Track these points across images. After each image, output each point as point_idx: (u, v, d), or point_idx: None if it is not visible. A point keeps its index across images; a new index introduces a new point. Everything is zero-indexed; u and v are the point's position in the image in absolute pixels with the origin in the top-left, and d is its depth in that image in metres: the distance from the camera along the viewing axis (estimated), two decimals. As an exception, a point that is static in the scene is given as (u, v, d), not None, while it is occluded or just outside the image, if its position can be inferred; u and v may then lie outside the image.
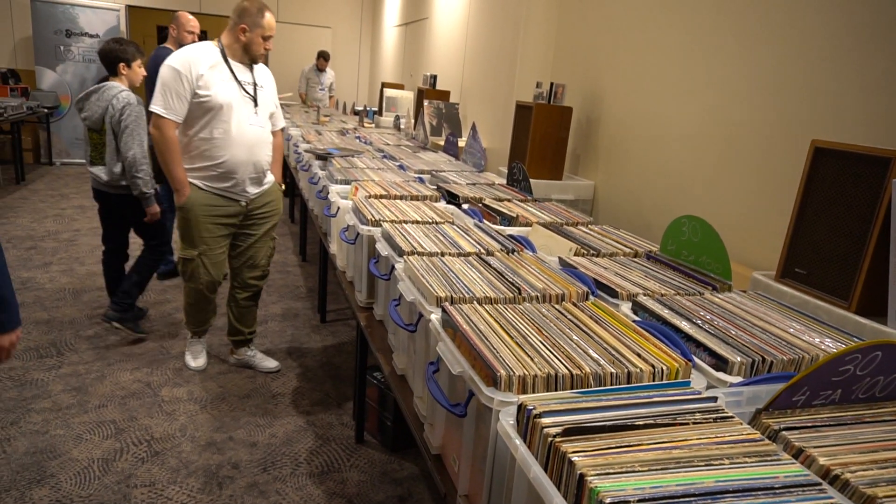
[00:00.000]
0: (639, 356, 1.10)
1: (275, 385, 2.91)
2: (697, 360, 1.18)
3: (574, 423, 0.85)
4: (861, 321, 1.48)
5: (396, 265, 1.63)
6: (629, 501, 0.71)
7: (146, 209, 3.08)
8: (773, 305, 1.45)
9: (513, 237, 1.93)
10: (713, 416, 0.91)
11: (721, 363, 1.16)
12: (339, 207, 2.39)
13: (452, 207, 2.34)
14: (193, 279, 2.75)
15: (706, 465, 0.79)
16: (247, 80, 2.64)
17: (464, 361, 1.11)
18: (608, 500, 0.71)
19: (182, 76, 2.46)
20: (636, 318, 1.36)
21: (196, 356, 3.01)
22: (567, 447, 0.81)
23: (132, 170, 2.94)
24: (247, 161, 2.64)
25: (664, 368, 1.07)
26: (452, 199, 2.52)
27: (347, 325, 3.68)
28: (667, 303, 1.41)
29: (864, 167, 1.52)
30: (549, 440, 0.83)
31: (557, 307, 1.33)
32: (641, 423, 0.87)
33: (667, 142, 2.87)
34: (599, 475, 0.75)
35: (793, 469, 0.80)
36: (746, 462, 0.81)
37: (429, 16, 6.46)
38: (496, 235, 1.92)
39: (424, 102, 4.86)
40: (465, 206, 2.41)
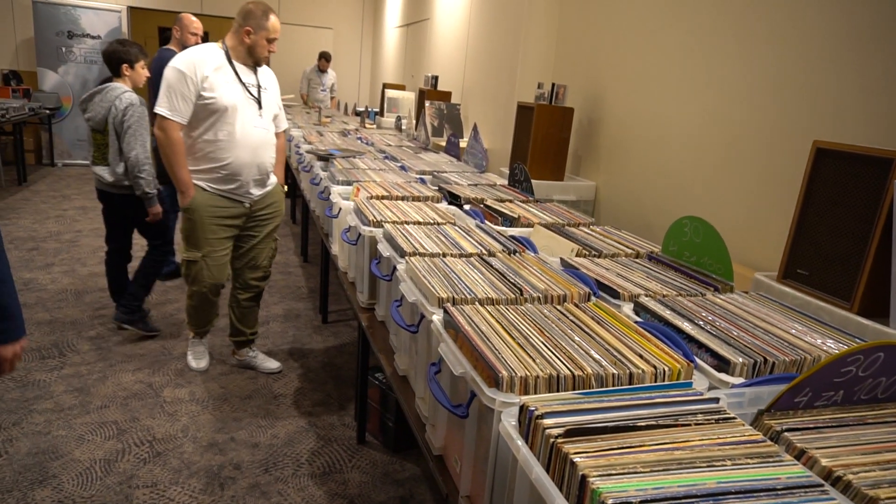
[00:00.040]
0: (641, 357, 1.10)
1: (276, 386, 2.92)
2: (699, 361, 1.18)
3: (576, 424, 0.86)
4: (863, 322, 1.48)
5: (398, 266, 1.63)
6: (631, 502, 0.71)
7: (148, 209, 3.09)
8: (775, 306, 1.45)
9: (514, 238, 1.93)
10: (715, 418, 0.91)
11: (723, 364, 1.16)
12: (341, 208, 2.39)
13: (454, 208, 2.34)
14: (197, 282, 2.75)
15: (708, 467, 0.79)
16: (251, 83, 2.64)
17: (465, 362, 1.11)
18: (610, 502, 0.71)
19: (187, 78, 2.46)
20: (638, 319, 1.36)
21: (198, 357, 3.01)
22: (569, 448, 0.81)
23: (135, 170, 2.95)
24: (251, 163, 2.64)
25: (666, 369, 1.07)
26: (454, 200, 2.52)
27: (349, 326, 3.68)
28: (668, 304, 1.41)
29: (866, 168, 1.52)
30: (551, 441, 0.83)
31: (559, 308, 1.33)
32: (643, 424, 0.87)
33: (668, 142, 2.87)
34: (601, 476, 0.75)
35: (795, 470, 0.80)
36: (748, 463, 0.81)
37: (430, 16, 6.46)
38: (498, 236, 1.92)
39: (426, 103, 4.86)
40: (467, 207, 2.41)
